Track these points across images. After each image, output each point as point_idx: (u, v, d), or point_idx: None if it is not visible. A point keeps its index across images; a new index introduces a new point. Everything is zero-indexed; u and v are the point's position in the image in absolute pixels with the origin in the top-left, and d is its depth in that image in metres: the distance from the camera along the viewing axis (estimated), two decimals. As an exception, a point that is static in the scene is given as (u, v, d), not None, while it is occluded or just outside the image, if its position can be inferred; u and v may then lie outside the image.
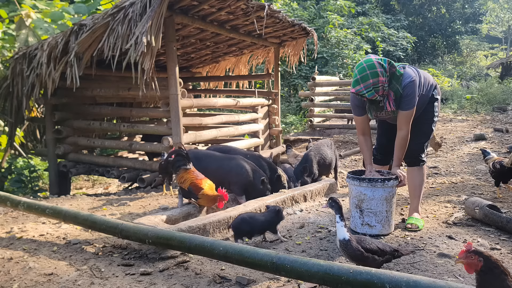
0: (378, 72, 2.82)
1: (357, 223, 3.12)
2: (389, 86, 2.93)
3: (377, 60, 2.88)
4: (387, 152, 3.45)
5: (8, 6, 7.37)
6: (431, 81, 3.22)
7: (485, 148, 4.72)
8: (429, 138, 3.28)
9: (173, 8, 4.47)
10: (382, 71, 2.84)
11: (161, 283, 2.33)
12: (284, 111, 12.24)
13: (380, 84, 2.83)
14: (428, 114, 3.19)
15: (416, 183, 3.27)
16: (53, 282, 2.39)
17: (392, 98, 2.96)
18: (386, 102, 2.98)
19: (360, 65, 2.89)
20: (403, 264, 2.54)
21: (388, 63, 2.91)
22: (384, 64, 2.89)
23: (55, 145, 5.80)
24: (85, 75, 4.99)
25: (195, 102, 5.25)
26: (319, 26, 13.88)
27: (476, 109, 11.40)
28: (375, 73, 2.82)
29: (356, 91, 2.87)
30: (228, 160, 4.02)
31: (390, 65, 2.92)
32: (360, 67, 2.87)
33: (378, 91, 2.85)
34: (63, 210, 3.22)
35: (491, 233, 3.02)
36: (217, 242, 2.40)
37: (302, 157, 4.63)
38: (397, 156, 3.12)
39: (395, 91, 2.95)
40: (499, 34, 30.74)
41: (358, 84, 2.84)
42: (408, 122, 3.02)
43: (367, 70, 2.82)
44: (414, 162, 3.27)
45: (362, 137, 3.26)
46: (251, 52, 7.50)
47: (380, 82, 2.83)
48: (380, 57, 2.96)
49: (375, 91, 2.84)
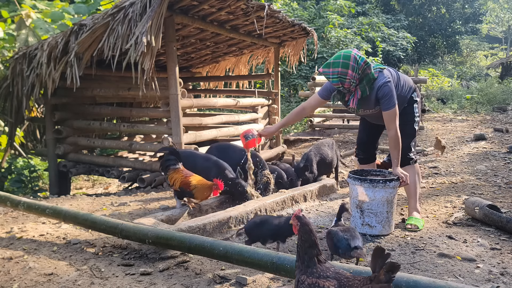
0: (350, 65, 2.88)
1: (357, 223, 3.12)
2: (358, 84, 2.98)
3: (355, 55, 2.93)
4: (368, 150, 3.57)
5: (8, 6, 7.37)
6: (411, 84, 3.29)
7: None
8: (413, 137, 3.31)
9: (173, 8, 4.47)
10: (354, 66, 2.90)
11: (161, 283, 2.33)
12: (284, 111, 12.22)
13: (348, 77, 2.90)
14: (409, 116, 3.26)
15: (410, 181, 3.25)
16: (53, 282, 2.39)
17: (357, 97, 3.03)
18: (352, 98, 3.05)
19: (339, 52, 2.98)
20: (403, 264, 2.54)
21: (364, 62, 2.95)
22: (360, 62, 2.93)
23: (55, 145, 5.80)
24: (85, 75, 4.99)
25: (195, 102, 5.25)
26: (319, 26, 13.88)
27: (476, 109, 11.41)
28: (346, 64, 2.88)
29: (323, 72, 2.96)
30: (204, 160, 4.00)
31: (367, 65, 2.95)
32: (338, 54, 2.97)
33: (344, 82, 2.92)
34: (63, 210, 3.22)
35: (491, 233, 3.02)
36: (217, 242, 2.40)
37: (302, 156, 4.63)
38: (394, 156, 3.14)
39: (362, 91, 3.00)
40: (499, 34, 30.74)
41: (328, 67, 2.94)
42: (394, 121, 3.04)
43: (341, 59, 2.90)
44: (403, 161, 3.26)
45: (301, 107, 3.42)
46: (251, 52, 7.49)
47: (348, 75, 2.89)
48: (361, 54, 3.01)
49: (340, 81, 2.91)
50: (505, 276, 2.34)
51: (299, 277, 1.61)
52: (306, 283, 1.56)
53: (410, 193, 3.34)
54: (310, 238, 1.62)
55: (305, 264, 1.60)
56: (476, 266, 2.48)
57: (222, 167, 3.85)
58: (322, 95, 3.28)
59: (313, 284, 1.54)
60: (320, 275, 1.55)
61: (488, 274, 2.36)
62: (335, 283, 1.51)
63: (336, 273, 1.56)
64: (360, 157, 3.56)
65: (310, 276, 1.57)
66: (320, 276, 1.55)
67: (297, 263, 1.65)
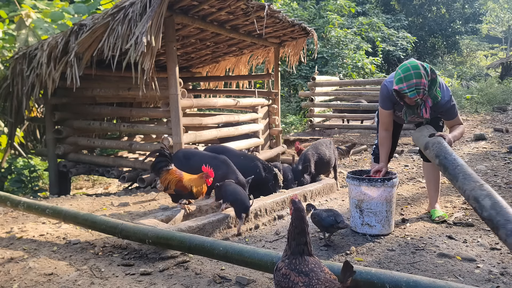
0: (422, 74, 2.82)
1: (357, 223, 3.12)
2: (428, 92, 2.92)
3: (421, 63, 2.90)
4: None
5: (8, 6, 7.37)
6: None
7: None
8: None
9: (173, 8, 4.47)
10: (424, 74, 2.84)
11: (161, 283, 2.33)
12: (284, 111, 12.24)
13: (422, 86, 2.83)
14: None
15: (435, 176, 3.40)
16: (53, 282, 2.39)
17: (429, 105, 2.96)
18: (423, 108, 2.97)
19: (403, 65, 2.90)
20: (403, 264, 2.54)
21: (430, 68, 2.92)
22: (427, 68, 2.90)
23: (55, 145, 5.80)
24: (85, 75, 4.99)
25: (195, 102, 5.25)
26: (319, 26, 13.87)
27: (476, 109, 11.40)
28: (418, 74, 2.82)
29: (399, 89, 2.85)
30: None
31: (431, 71, 2.92)
32: (403, 67, 2.88)
33: (419, 93, 2.84)
34: (63, 210, 3.22)
35: (491, 233, 3.02)
36: (217, 242, 2.40)
37: (300, 156, 4.63)
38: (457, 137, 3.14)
39: (433, 98, 2.96)
40: (499, 34, 30.74)
41: (401, 83, 2.84)
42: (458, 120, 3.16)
43: (411, 70, 2.83)
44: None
45: (385, 132, 3.30)
46: (251, 52, 7.49)
47: (422, 84, 2.82)
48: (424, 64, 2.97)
49: (417, 92, 2.83)
50: (505, 276, 2.34)
51: (279, 263, 1.63)
52: (281, 272, 1.58)
53: (433, 189, 3.43)
54: (301, 224, 1.62)
55: (291, 250, 1.60)
56: (476, 266, 2.48)
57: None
58: (387, 106, 3.20)
59: (285, 275, 1.56)
60: (295, 268, 1.56)
61: (488, 274, 2.36)
62: (305, 280, 1.51)
63: (312, 271, 1.55)
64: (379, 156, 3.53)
65: (287, 267, 1.58)
66: (295, 269, 1.55)
67: (286, 247, 1.67)
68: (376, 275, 1.91)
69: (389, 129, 3.30)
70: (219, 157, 3.78)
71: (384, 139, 3.31)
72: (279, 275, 1.58)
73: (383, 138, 3.32)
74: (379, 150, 3.38)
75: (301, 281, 1.51)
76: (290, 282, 1.54)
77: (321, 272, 1.55)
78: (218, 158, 3.75)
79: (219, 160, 3.72)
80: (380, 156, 3.34)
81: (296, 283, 1.51)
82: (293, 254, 1.59)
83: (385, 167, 3.23)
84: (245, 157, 4.34)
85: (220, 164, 3.68)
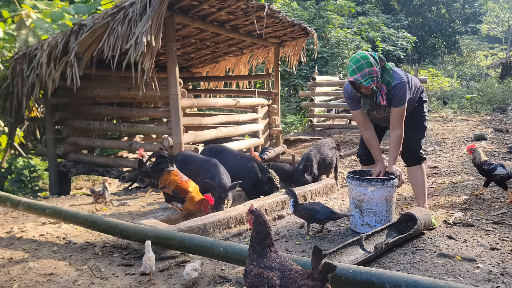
0: (372, 62, 2.91)
1: (357, 223, 3.12)
2: (381, 79, 3.00)
3: (369, 53, 2.99)
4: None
5: (8, 6, 7.37)
6: (418, 84, 3.32)
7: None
8: (424, 135, 3.38)
9: (173, 8, 4.47)
10: (374, 62, 2.93)
11: (161, 283, 2.33)
12: (284, 111, 12.23)
13: (374, 73, 2.91)
14: (420, 115, 3.32)
15: (420, 181, 3.33)
16: (53, 282, 2.39)
17: (384, 92, 3.03)
18: (379, 96, 3.03)
19: (353, 57, 2.98)
20: (403, 264, 2.54)
21: (378, 56, 3.01)
22: (375, 56, 2.99)
23: (55, 145, 5.80)
24: (85, 75, 4.99)
25: (195, 102, 5.25)
26: (319, 26, 13.86)
27: (476, 109, 11.40)
28: (369, 62, 2.90)
29: (354, 79, 2.92)
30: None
31: (380, 58, 3.01)
32: (354, 59, 2.96)
33: (373, 80, 2.92)
34: (63, 210, 3.22)
35: (491, 233, 3.02)
36: (217, 242, 2.40)
37: (302, 156, 4.63)
38: (393, 155, 3.18)
39: (387, 83, 3.02)
40: (499, 34, 30.72)
41: (355, 73, 2.91)
42: (401, 120, 3.09)
43: (362, 60, 2.91)
44: (415, 160, 3.31)
45: (366, 132, 3.29)
46: (251, 52, 7.49)
47: (374, 72, 2.91)
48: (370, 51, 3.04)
49: (371, 80, 2.91)
50: (505, 276, 2.34)
51: (247, 267, 1.71)
52: (253, 274, 1.66)
53: (419, 193, 3.37)
54: (265, 229, 1.72)
55: (258, 253, 1.69)
56: (476, 266, 2.48)
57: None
58: (354, 107, 3.23)
59: (258, 275, 1.64)
60: (266, 266, 1.65)
61: (488, 274, 2.36)
62: (278, 274, 1.62)
63: (282, 265, 1.65)
64: (363, 158, 3.55)
65: (257, 267, 1.66)
66: (266, 267, 1.65)
67: (249, 251, 1.74)
68: (376, 275, 1.92)
69: (369, 127, 3.28)
70: (211, 160, 3.93)
71: (369, 140, 3.30)
72: (251, 276, 1.66)
73: (368, 139, 3.30)
74: (371, 151, 3.35)
75: (274, 275, 1.62)
76: (264, 279, 1.62)
77: (290, 265, 1.67)
78: (209, 162, 3.92)
79: (210, 164, 3.89)
80: (375, 156, 3.32)
81: (270, 279, 1.61)
82: (260, 256, 1.68)
83: (382, 166, 3.23)
84: (242, 157, 4.35)
85: (210, 167, 3.84)
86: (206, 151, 4.44)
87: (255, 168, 4.17)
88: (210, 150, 4.43)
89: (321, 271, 1.51)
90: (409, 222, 2.95)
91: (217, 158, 4.09)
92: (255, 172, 4.15)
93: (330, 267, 1.50)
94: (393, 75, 3.03)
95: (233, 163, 4.18)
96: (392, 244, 2.70)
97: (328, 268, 1.51)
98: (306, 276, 1.57)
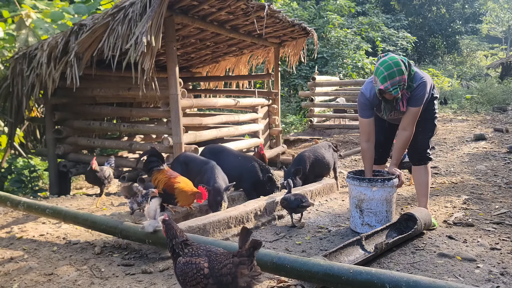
0: (403, 70, 2.80)
1: (357, 223, 3.12)
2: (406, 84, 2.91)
3: (401, 59, 2.87)
4: (384, 150, 3.48)
5: (8, 6, 7.36)
6: (430, 81, 3.25)
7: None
8: (433, 133, 3.30)
9: (173, 8, 4.47)
10: (405, 69, 2.82)
11: (161, 283, 2.33)
12: (284, 111, 12.23)
13: (403, 81, 2.82)
14: (430, 112, 3.21)
15: (424, 181, 3.27)
16: (53, 282, 2.39)
17: (406, 98, 2.95)
18: (400, 102, 2.95)
19: (385, 62, 2.84)
20: (403, 264, 2.54)
21: (407, 61, 2.92)
22: (405, 62, 2.89)
23: (55, 145, 5.80)
24: (85, 75, 4.98)
25: (195, 102, 5.25)
26: (319, 26, 13.87)
27: (476, 109, 11.41)
28: (400, 70, 2.79)
29: (385, 88, 2.80)
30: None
31: (408, 64, 2.92)
32: (385, 64, 2.82)
33: (401, 88, 2.83)
34: (63, 210, 3.22)
35: (491, 233, 3.02)
36: (217, 242, 2.40)
37: (294, 158, 4.57)
38: (396, 157, 3.14)
39: (408, 87, 2.94)
40: (499, 34, 30.73)
41: (385, 81, 2.79)
42: (414, 121, 3.03)
43: (394, 67, 2.79)
44: (422, 159, 3.26)
45: (366, 144, 3.18)
46: (251, 52, 7.49)
47: (403, 80, 2.82)
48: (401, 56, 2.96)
49: (399, 88, 2.82)
50: (505, 276, 2.34)
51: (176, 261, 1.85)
52: (182, 262, 1.80)
53: (422, 193, 3.29)
54: (172, 232, 1.90)
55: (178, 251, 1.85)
56: (476, 266, 2.48)
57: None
58: (366, 115, 3.12)
59: (187, 263, 1.79)
60: (192, 254, 1.82)
61: (488, 274, 2.36)
62: (206, 259, 1.78)
63: (207, 251, 1.83)
64: (374, 158, 3.51)
65: (185, 257, 1.82)
66: (193, 255, 1.81)
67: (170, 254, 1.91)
68: (376, 275, 1.92)
69: (371, 140, 3.17)
70: (209, 163, 3.89)
71: (367, 152, 3.19)
72: (180, 265, 1.80)
73: (366, 150, 3.19)
74: (364, 163, 3.26)
75: (202, 260, 1.78)
76: (193, 264, 1.77)
77: (216, 250, 1.84)
78: (208, 163, 3.88)
79: (208, 166, 3.85)
80: (365, 170, 3.25)
81: (198, 263, 1.76)
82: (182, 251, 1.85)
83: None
84: (242, 157, 4.34)
85: (207, 169, 3.81)
86: (206, 152, 4.43)
87: (256, 168, 4.16)
88: (210, 151, 4.43)
89: (248, 248, 1.67)
90: (409, 222, 2.95)
91: (217, 158, 4.08)
92: (255, 172, 4.14)
93: (257, 244, 1.66)
94: (414, 77, 2.96)
95: (233, 163, 4.18)
96: (392, 244, 2.70)
97: (255, 244, 1.67)
98: (232, 255, 1.73)
